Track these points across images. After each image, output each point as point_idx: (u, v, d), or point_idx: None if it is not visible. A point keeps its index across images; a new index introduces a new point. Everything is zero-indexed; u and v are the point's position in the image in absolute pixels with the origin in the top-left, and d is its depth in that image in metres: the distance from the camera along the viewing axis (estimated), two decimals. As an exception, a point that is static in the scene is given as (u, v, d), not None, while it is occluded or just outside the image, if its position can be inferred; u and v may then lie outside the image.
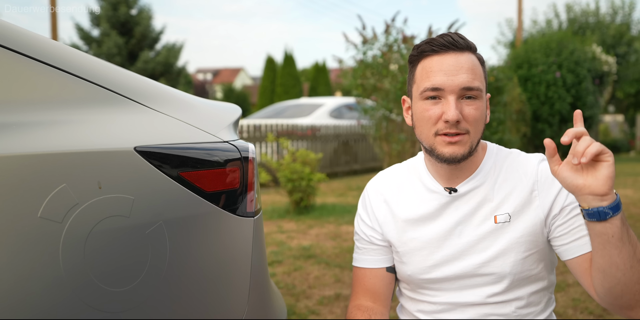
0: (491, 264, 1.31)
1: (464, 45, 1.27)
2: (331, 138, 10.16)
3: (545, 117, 12.88)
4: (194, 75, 45.96)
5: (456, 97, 1.24)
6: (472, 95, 1.25)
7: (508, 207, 1.31)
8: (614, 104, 22.37)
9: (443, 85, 1.24)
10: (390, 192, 1.44)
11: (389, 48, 6.90)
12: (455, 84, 1.24)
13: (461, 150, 1.26)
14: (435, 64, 1.27)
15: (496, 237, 1.31)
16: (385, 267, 1.46)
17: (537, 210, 1.30)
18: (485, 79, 1.30)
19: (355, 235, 1.51)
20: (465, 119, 1.25)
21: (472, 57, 1.28)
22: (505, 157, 1.37)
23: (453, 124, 1.24)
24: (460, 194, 1.34)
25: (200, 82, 42.09)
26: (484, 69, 1.32)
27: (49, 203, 0.94)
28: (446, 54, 1.26)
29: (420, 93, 1.28)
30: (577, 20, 19.11)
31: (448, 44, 1.26)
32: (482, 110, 1.28)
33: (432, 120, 1.27)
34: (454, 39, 1.27)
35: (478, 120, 1.27)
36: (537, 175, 1.31)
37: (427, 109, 1.27)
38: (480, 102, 1.27)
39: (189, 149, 1.19)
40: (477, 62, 1.29)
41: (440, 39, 1.27)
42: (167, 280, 1.11)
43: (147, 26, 21.08)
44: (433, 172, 1.38)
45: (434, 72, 1.26)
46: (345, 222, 5.57)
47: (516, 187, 1.32)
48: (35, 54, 1.05)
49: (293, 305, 3.17)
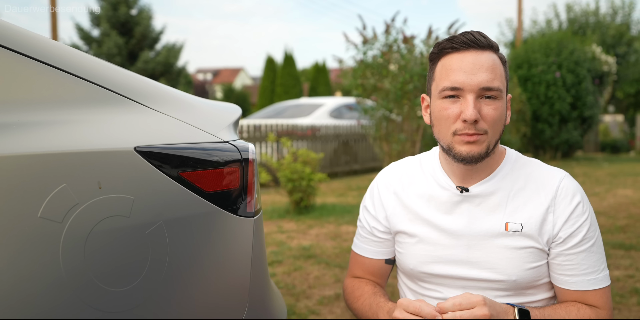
0: (498, 271, 1.30)
1: (486, 44, 1.25)
2: (331, 138, 10.16)
3: (545, 117, 12.87)
4: (194, 75, 45.95)
5: (475, 97, 1.22)
6: (491, 95, 1.23)
7: (521, 217, 1.29)
8: (614, 104, 22.36)
9: (462, 84, 1.22)
10: (401, 185, 1.42)
11: (389, 48, 6.90)
12: (474, 83, 1.22)
13: (478, 149, 1.24)
14: (455, 62, 1.24)
15: (506, 244, 1.29)
16: (384, 259, 1.47)
17: (548, 226, 1.28)
18: (506, 80, 1.28)
19: (359, 222, 1.51)
20: (483, 119, 1.23)
21: (494, 57, 1.26)
22: (524, 165, 1.35)
23: (471, 123, 1.22)
24: (472, 195, 1.32)
25: (200, 82, 42.10)
26: (506, 69, 1.29)
27: (49, 203, 0.94)
28: (467, 52, 1.24)
29: (439, 91, 1.26)
30: (577, 20, 19.10)
31: (469, 41, 1.24)
32: (501, 111, 1.25)
33: (451, 120, 1.24)
34: (476, 37, 1.25)
35: (497, 121, 1.24)
36: (557, 192, 1.29)
37: (445, 108, 1.25)
38: (500, 102, 1.24)
39: (189, 149, 1.19)
40: (498, 62, 1.26)
41: (462, 37, 1.25)
42: (167, 280, 1.11)
43: (147, 26, 21.08)
44: (447, 170, 1.36)
45: (454, 71, 1.24)
46: (345, 222, 5.57)
47: (532, 198, 1.30)
48: (35, 54, 1.05)
49: (293, 305, 3.17)
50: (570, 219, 1.28)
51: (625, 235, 4.93)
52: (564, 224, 1.28)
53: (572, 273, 1.28)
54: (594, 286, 1.28)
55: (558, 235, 1.28)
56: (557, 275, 1.30)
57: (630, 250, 4.38)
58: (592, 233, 1.29)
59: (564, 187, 1.30)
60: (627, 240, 4.69)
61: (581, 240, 1.28)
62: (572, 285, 1.29)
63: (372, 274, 1.50)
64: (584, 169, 11.07)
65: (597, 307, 1.29)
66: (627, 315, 2.98)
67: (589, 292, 1.28)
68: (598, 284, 1.28)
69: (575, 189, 1.31)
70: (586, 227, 1.28)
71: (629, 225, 5.35)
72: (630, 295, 3.29)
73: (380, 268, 1.48)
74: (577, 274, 1.28)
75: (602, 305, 1.29)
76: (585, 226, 1.28)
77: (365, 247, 1.48)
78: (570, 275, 1.28)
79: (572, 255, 1.28)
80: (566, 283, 1.29)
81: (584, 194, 1.33)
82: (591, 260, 1.28)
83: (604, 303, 1.29)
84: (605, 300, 1.29)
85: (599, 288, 1.28)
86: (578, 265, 1.28)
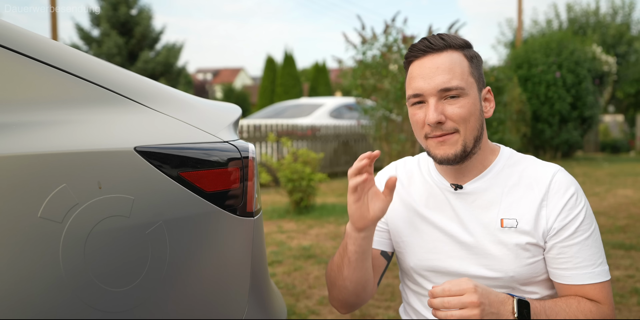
0: (495, 268, 1.30)
1: (442, 45, 1.28)
2: (331, 138, 10.16)
3: (545, 117, 12.88)
4: (194, 75, 45.98)
5: (437, 99, 1.26)
6: (453, 94, 1.26)
7: (516, 212, 1.30)
8: (614, 104, 22.38)
9: (421, 89, 1.27)
10: (401, 184, 1.45)
11: (389, 48, 6.90)
12: (431, 86, 1.26)
13: (452, 150, 1.27)
14: (415, 69, 1.30)
15: (502, 241, 1.29)
16: (380, 250, 1.46)
17: (542, 220, 1.29)
18: (472, 74, 1.29)
19: None
20: (450, 118, 1.26)
21: (453, 56, 1.28)
22: (517, 161, 1.36)
23: (435, 126, 1.26)
24: (466, 193, 1.34)
25: (200, 82, 42.10)
26: (474, 63, 1.30)
27: (49, 203, 0.94)
28: (424, 57, 1.29)
29: (407, 99, 1.32)
30: (577, 20, 19.12)
31: (425, 47, 1.28)
32: (469, 107, 1.26)
33: (420, 125, 1.30)
34: (431, 41, 1.28)
35: (466, 118, 1.26)
36: (550, 186, 1.30)
37: (414, 114, 1.31)
38: (466, 99, 1.26)
39: (189, 149, 1.19)
40: (458, 60, 1.28)
41: (419, 44, 1.30)
42: (167, 280, 1.11)
43: (147, 26, 21.08)
44: (440, 169, 1.39)
45: (414, 78, 1.29)
46: (345, 222, 5.57)
47: (526, 194, 1.31)
48: (35, 54, 1.05)
49: (293, 305, 3.17)
50: (564, 211, 1.28)
51: (625, 235, 4.94)
52: (558, 216, 1.28)
53: (567, 266, 1.27)
54: (591, 280, 1.27)
55: (552, 227, 1.28)
56: (553, 269, 1.30)
57: (630, 250, 4.38)
58: (587, 226, 1.29)
59: (557, 181, 1.30)
60: (627, 240, 4.69)
61: (574, 231, 1.27)
62: (567, 279, 1.28)
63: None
64: (584, 169, 11.08)
65: (597, 302, 1.28)
66: (627, 315, 2.98)
67: (587, 286, 1.27)
68: (595, 278, 1.27)
69: (569, 182, 1.31)
70: (580, 219, 1.28)
71: (629, 225, 5.36)
72: (630, 295, 3.29)
73: (374, 259, 1.46)
74: (571, 267, 1.27)
75: (602, 299, 1.27)
76: (579, 218, 1.28)
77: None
78: (565, 269, 1.28)
79: (565, 247, 1.27)
80: (562, 277, 1.29)
81: (579, 187, 1.33)
82: (586, 254, 1.27)
83: (604, 298, 1.27)
84: (605, 295, 1.28)
85: (597, 282, 1.27)
86: (572, 258, 1.27)
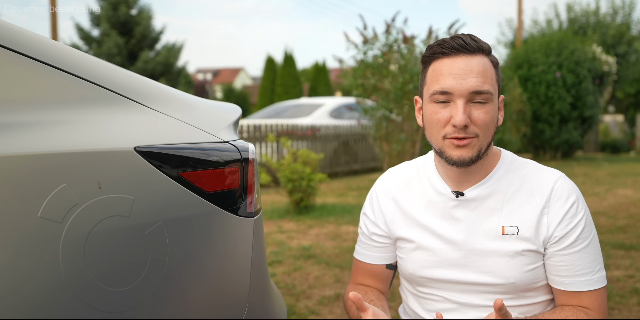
0: (496, 275, 1.30)
1: (476, 48, 1.25)
2: (331, 138, 10.16)
3: (545, 117, 12.87)
4: (194, 75, 45.96)
5: (465, 101, 1.23)
6: (481, 99, 1.23)
7: (517, 219, 1.29)
8: (614, 104, 22.37)
9: (452, 89, 1.23)
10: (399, 191, 1.43)
11: (389, 48, 6.91)
12: (464, 88, 1.22)
13: (469, 153, 1.25)
14: (445, 66, 1.25)
15: (503, 248, 1.29)
16: (385, 264, 1.48)
17: (543, 227, 1.29)
18: (497, 82, 1.28)
19: (359, 228, 1.52)
20: (474, 123, 1.23)
21: (484, 60, 1.26)
22: (519, 166, 1.35)
23: (461, 128, 1.22)
24: (467, 199, 1.32)
25: (200, 82, 42.09)
26: (497, 71, 1.29)
27: (49, 203, 0.94)
28: (457, 56, 1.25)
29: (430, 95, 1.27)
30: (577, 20, 19.10)
31: (459, 46, 1.24)
32: (492, 114, 1.26)
33: (441, 124, 1.25)
34: (466, 41, 1.25)
35: (487, 124, 1.25)
36: (552, 193, 1.29)
37: (436, 112, 1.26)
38: (491, 105, 1.25)
39: (189, 149, 1.19)
40: (489, 65, 1.26)
41: (452, 41, 1.25)
42: (167, 280, 1.11)
43: (147, 26, 21.08)
44: (442, 174, 1.37)
45: (444, 75, 1.24)
46: (345, 222, 5.57)
47: (527, 201, 1.30)
48: (35, 54, 1.05)
49: (293, 305, 3.17)
50: (565, 219, 1.28)
51: (625, 235, 4.94)
52: (559, 225, 1.28)
53: (567, 274, 1.28)
54: (589, 287, 1.28)
55: (553, 235, 1.28)
56: (553, 276, 1.31)
57: (630, 250, 4.38)
58: (587, 233, 1.29)
59: (558, 188, 1.30)
60: (627, 240, 4.69)
61: (575, 240, 1.28)
62: (566, 286, 1.29)
63: (374, 280, 1.50)
64: (584, 169, 11.08)
65: (589, 309, 1.29)
66: (627, 315, 2.98)
67: (584, 293, 1.29)
68: (593, 284, 1.28)
69: (571, 189, 1.31)
70: (580, 227, 1.29)
71: (629, 225, 5.35)
72: (630, 295, 3.29)
73: (381, 273, 1.49)
74: (571, 275, 1.28)
75: (596, 307, 1.29)
76: (580, 226, 1.28)
77: (366, 253, 1.49)
78: (564, 276, 1.29)
79: (566, 255, 1.28)
80: (561, 284, 1.30)
81: (580, 194, 1.33)
82: (586, 261, 1.28)
83: (598, 305, 1.29)
84: (600, 302, 1.30)
85: (594, 289, 1.29)
86: (572, 266, 1.28)
